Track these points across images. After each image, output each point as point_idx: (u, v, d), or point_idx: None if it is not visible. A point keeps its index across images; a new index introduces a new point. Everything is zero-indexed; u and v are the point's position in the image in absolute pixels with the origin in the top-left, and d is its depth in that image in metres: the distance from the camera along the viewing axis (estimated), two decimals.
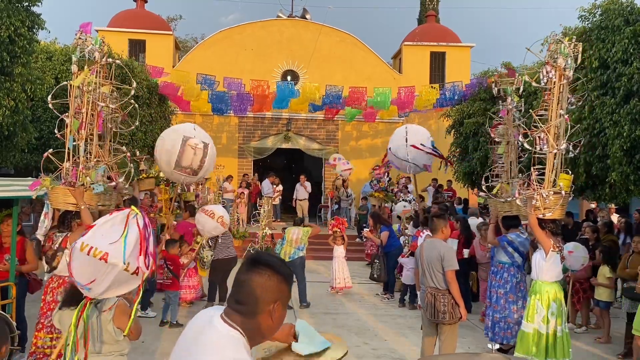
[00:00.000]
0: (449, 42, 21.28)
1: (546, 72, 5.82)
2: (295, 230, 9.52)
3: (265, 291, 1.81)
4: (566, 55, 5.75)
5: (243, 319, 1.80)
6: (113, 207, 6.10)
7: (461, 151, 14.64)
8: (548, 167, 5.80)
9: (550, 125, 5.81)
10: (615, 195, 8.65)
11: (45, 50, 12.85)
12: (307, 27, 20.82)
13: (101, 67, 5.97)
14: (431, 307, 5.51)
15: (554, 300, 5.76)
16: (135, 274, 3.28)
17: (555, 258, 5.79)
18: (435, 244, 5.64)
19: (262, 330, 1.84)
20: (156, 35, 20.24)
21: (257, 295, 1.81)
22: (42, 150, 12.54)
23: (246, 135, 20.20)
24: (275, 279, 1.84)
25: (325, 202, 19.91)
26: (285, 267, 1.91)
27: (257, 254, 1.93)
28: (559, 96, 5.83)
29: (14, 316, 5.85)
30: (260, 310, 1.81)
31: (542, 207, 5.70)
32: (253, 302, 1.81)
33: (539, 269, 5.89)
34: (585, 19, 8.99)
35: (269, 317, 1.82)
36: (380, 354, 6.99)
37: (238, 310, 1.81)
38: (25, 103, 8.79)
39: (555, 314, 5.75)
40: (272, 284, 1.83)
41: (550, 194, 5.67)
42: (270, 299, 1.82)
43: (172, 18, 33.60)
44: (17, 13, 8.20)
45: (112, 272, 3.20)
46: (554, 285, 5.83)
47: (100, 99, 5.91)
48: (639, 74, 7.49)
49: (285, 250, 9.34)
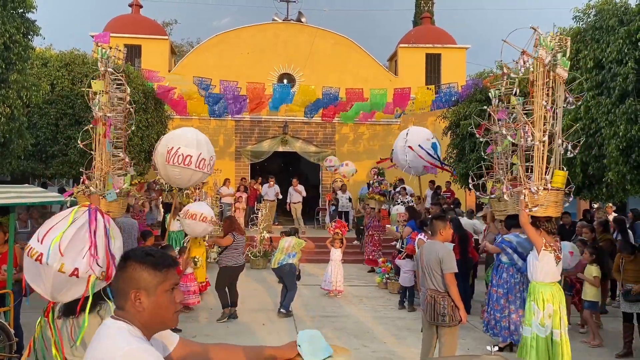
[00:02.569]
0: (444, 43, 21.32)
1: (523, 62, 5.72)
2: (289, 239, 9.44)
3: (123, 281, 1.94)
4: (550, 48, 5.59)
5: (121, 312, 1.93)
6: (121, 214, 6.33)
7: (458, 152, 14.66)
8: (536, 160, 5.60)
9: (534, 117, 5.64)
10: (612, 194, 8.67)
11: (40, 56, 12.85)
12: (303, 30, 20.86)
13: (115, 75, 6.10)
14: (431, 310, 5.50)
15: (551, 302, 5.51)
16: (75, 276, 3.08)
17: (549, 258, 5.56)
18: (434, 246, 5.64)
19: (145, 319, 1.92)
20: (152, 40, 20.25)
21: (118, 287, 1.96)
22: (39, 157, 12.65)
23: (243, 139, 20.20)
24: (131, 268, 1.93)
25: (322, 205, 19.92)
26: (148, 256, 1.96)
27: (124, 253, 2.06)
28: (543, 87, 5.66)
29: (11, 324, 5.83)
30: (125, 300, 1.92)
31: (530, 204, 5.47)
32: (118, 294, 1.96)
33: (533, 269, 5.71)
34: (579, 19, 9.01)
35: (134, 306, 1.91)
36: (380, 357, 6.98)
37: (117, 307, 1.96)
38: (21, 110, 8.78)
39: (552, 317, 5.49)
40: (126, 275, 1.93)
41: (540, 190, 5.46)
42: (127, 288, 1.92)
43: (167, 23, 33.65)
44: (12, 20, 8.19)
45: (49, 273, 3.06)
46: (550, 286, 5.60)
47: (107, 107, 6.01)
48: (634, 74, 7.51)
49: (276, 257, 9.27)
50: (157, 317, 1.94)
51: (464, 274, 9.06)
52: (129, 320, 1.90)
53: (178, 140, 7.78)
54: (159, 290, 1.93)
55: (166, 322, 1.98)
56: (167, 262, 1.99)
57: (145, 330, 1.91)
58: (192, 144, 7.73)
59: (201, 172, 7.90)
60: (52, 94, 12.48)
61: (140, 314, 1.91)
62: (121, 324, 1.88)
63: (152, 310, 1.92)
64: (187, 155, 7.66)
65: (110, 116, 6.12)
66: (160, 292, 1.93)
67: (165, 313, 1.95)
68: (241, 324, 8.49)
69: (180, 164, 7.66)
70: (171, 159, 7.62)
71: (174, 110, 17.64)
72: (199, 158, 7.68)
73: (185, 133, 8.02)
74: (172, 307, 1.97)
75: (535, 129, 5.62)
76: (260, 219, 14.64)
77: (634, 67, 7.52)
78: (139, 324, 1.91)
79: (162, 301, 1.93)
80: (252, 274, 12.69)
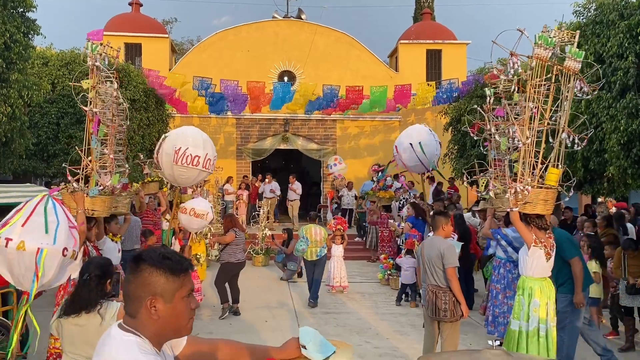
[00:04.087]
0: (444, 39, 21.28)
1: (512, 64, 5.67)
2: (316, 229, 9.88)
3: (137, 287, 1.78)
4: (552, 44, 5.52)
5: (132, 320, 1.79)
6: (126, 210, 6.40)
7: (459, 149, 14.67)
8: (520, 160, 5.59)
9: (521, 118, 5.63)
10: (614, 189, 8.69)
11: (41, 55, 12.87)
12: (303, 27, 20.84)
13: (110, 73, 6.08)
14: (432, 305, 5.52)
15: (538, 297, 5.50)
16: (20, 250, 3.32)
17: (539, 253, 5.53)
18: (435, 241, 5.65)
19: (158, 328, 1.78)
20: (152, 38, 20.25)
21: (131, 293, 1.79)
22: (40, 156, 12.69)
23: (244, 137, 20.21)
24: (147, 273, 1.78)
25: (324, 202, 19.93)
26: (165, 259, 1.81)
27: (137, 252, 1.89)
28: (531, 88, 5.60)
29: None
30: (138, 307, 1.77)
31: (517, 201, 5.44)
32: (130, 301, 1.80)
33: (523, 264, 5.70)
34: (580, 14, 9.02)
35: (149, 313, 1.76)
36: (382, 353, 7.00)
37: (126, 312, 1.82)
38: (22, 109, 8.81)
39: (539, 311, 5.47)
40: (143, 279, 1.77)
41: (527, 188, 5.44)
42: (141, 295, 1.77)
43: (167, 21, 33.66)
44: (12, 19, 8.21)
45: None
46: (540, 281, 5.58)
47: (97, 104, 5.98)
48: (634, 68, 7.51)
49: (312, 249, 9.72)
50: (172, 326, 1.81)
51: (466, 270, 9.09)
52: (140, 329, 1.77)
53: (185, 140, 7.80)
54: (176, 296, 1.79)
55: (180, 331, 1.86)
56: (185, 266, 1.84)
57: (156, 340, 1.79)
58: (199, 144, 7.77)
59: (206, 172, 7.99)
60: (53, 93, 12.52)
61: (154, 322, 1.77)
62: (130, 337, 1.74)
63: (167, 318, 1.78)
64: (196, 155, 7.71)
65: (97, 112, 6.06)
66: (178, 298, 1.79)
67: (181, 321, 1.82)
68: (244, 321, 8.51)
69: (189, 164, 7.73)
70: (179, 159, 7.65)
71: (175, 108, 17.66)
72: (205, 158, 7.75)
73: (192, 133, 8.03)
74: (187, 315, 1.84)
75: (524, 128, 5.56)
76: (262, 216, 14.68)
77: (635, 62, 7.53)
78: (151, 333, 1.78)
79: (179, 309, 1.80)
80: (253, 271, 12.71)
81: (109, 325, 3.34)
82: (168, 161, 7.79)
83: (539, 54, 5.54)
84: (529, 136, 5.59)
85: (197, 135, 7.96)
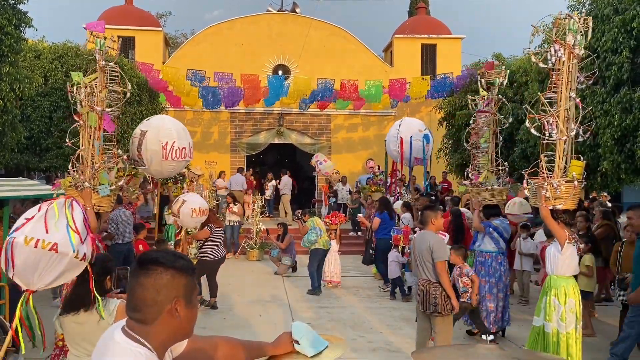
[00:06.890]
0: (439, 34, 21.26)
1: (554, 52, 5.34)
2: (320, 221, 10.43)
3: (158, 291, 1.65)
4: (575, 32, 5.34)
5: (144, 327, 1.66)
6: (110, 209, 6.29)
7: (453, 143, 14.68)
8: (558, 154, 5.36)
9: (559, 109, 5.37)
10: (607, 184, 8.71)
11: (33, 48, 12.75)
12: (297, 21, 20.75)
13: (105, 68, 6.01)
14: (423, 299, 5.54)
15: (573, 297, 5.33)
16: (83, 261, 3.41)
17: (572, 250, 5.40)
18: (425, 235, 5.66)
19: (171, 333, 1.69)
20: (146, 31, 20.09)
21: (149, 298, 1.65)
22: (33, 150, 12.58)
23: (238, 131, 20.14)
24: (167, 275, 1.67)
25: (318, 196, 19.91)
26: (179, 259, 1.74)
27: (144, 254, 1.78)
28: (569, 77, 5.39)
29: (7, 317, 5.81)
30: (157, 312, 1.65)
31: (552, 198, 5.28)
32: (148, 306, 1.65)
33: (554, 263, 5.49)
34: (574, 8, 9.00)
35: (172, 318, 1.67)
36: (376, 347, 7.01)
37: (137, 319, 1.67)
38: (14, 102, 8.72)
39: (575, 312, 5.33)
40: (163, 282, 1.66)
41: (562, 183, 5.28)
42: (165, 298, 1.65)
43: (161, 14, 33.43)
44: (3, 11, 8.12)
45: (62, 262, 3.30)
46: (571, 280, 5.44)
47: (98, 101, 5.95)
48: (628, 63, 7.52)
49: (324, 238, 10.12)
50: (185, 330, 1.73)
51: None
52: (152, 337, 1.65)
53: (170, 134, 7.81)
54: (194, 298, 1.73)
55: (187, 335, 1.78)
56: (193, 265, 1.78)
57: (162, 349, 1.70)
58: (182, 135, 7.90)
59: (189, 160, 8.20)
60: (45, 86, 12.41)
61: (173, 327, 1.68)
62: (138, 349, 1.62)
63: (185, 321, 1.70)
64: (182, 147, 7.80)
65: (108, 111, 6.05)
66: (195, 300, 1.74)
67: (193, 324, 1.76)
68: (238, 315, 8.51)
69: (178, 158, 7.74)
70: (169, 154, 7.65)
71: (168, 102, 17.57)
72: (189, 147, 8.02)
73: (173, 126, 8.06)
74: (195, 317, 1.78)
75: (560, 120, 5.32)
76: (256, 210, 14.65)
77: (629, 56, 7.53)
78: (162, 341, 1.68)
79: (195, 310, 1.73)
80: (248, 266, 12.70)
81: (108, 323, 3.33)
82: (156, 157, 7.75)
83: (570, 41, 5.32)
84: (572, 129, 5.37)
85: (178, 127, 8.09)
